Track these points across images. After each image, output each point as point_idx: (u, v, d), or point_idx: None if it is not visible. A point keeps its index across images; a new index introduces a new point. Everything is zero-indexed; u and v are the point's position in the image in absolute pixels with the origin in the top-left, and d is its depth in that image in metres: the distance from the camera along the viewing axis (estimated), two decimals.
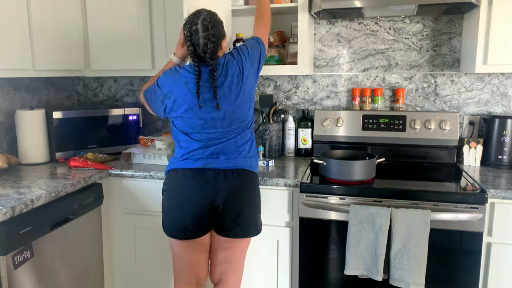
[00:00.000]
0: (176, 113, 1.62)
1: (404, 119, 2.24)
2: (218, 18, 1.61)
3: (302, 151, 2.40)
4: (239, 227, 1.63)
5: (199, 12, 1.58)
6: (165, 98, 1.62)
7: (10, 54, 1.89)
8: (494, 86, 2.21)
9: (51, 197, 1.67)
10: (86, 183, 1.89)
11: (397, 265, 1.67)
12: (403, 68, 2.32)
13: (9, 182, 1.81)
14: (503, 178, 1.89)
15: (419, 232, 1.65)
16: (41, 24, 2.05)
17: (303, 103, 2.48)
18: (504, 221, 1.69)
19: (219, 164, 1.62)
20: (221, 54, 1.65)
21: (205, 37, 1.54)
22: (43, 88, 2.51)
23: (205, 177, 1.60)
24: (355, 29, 2.35)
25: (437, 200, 1.70)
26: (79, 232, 1.89)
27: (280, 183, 1.88)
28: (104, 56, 2.35)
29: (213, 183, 1.60)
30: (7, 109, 2.23)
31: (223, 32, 1.63)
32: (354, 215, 1.71)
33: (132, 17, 2.27)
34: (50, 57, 2.12)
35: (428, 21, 2.25)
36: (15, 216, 1.49)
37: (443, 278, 1.73)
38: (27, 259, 1.56)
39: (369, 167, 1.85)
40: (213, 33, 1.55)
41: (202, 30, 1.54)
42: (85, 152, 2.23)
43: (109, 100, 2.79)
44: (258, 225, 1.70)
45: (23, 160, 2.17)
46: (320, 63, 2.43)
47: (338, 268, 1.83)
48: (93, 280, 2.01)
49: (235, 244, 1.68)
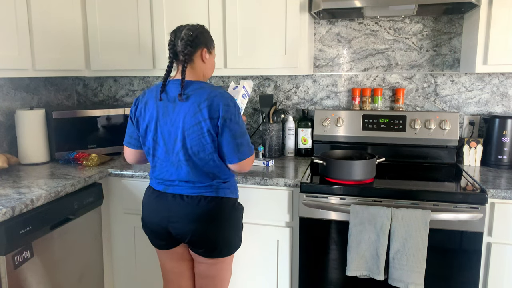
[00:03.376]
0: None
1: (404, 119, 2.24)
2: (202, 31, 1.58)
3: (302, 151, 2.40)
4: (201, 249, 1.59)
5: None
6: None
7: (10, 54, 1.89)
8: (494, 86, 2.21)
9: (51, 197, 1.67)
10: (86, 183, 1.89)
11: (396, 265, 1.67)
12: (403, 68, 2.32)
13: (9, 182, 1.81)
14: (503, 178, 1.89)
15: (418, 232, 1.65)
16: (41, 24, 2.05)
17: (303, 103, 2.48)
18: (504, 221, 1.69)
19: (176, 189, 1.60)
20: (200, 62, 1.59)
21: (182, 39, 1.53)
22: (43, 88, 2.51)
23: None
24: (355, 29, 2.35)
25: (437, 200, 1.70)
26: (79, 232, 1.89)
27: (280, 183, 1.88)
28: (104, 56, 2.35)
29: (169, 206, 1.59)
30: (7, 109, 2.23)
31: (203, 41, 1.57)
32: (355, 216, 1.71)
33: (132, 17, 2.27)
34: (50, 57, 2.12)
35: (428, 21, 2.25)
36: (15, 216, 1.49)
37: (443, 278, 1.73)
38: (27, 259, 1.56)
39: (369, 167, 1.85)
40: (191, 37, 1.52)
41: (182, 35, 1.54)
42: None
43: (109, 100, 2.79)
44: (225, 247, 1.60)
45: (23, 160, 2.17)
46: (320, 63, 2.43)
47: (338, 268, 1.83)
48: (93, 280, 2.01)
49: (207, 260, 1.63)
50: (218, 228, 1.56)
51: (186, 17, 2.19)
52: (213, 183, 1.55)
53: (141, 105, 1.59)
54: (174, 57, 1.55)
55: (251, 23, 2.12)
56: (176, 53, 1.53)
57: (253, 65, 2.15)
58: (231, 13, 2.13)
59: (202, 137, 1.48)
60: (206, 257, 1.61)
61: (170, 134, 1.52)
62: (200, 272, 1.67)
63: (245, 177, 1.90)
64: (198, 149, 1.50)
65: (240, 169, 1.56)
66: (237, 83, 2.03)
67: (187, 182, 1.55)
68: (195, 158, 1.51)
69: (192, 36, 1.52)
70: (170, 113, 1.52)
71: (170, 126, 1.52)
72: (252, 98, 2.55)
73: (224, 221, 1.57)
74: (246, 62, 2.15)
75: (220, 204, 1.56)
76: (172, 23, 2.21)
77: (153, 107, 1.55)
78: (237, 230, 1.64)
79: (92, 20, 2.33)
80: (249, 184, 1.91)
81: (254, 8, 2.11)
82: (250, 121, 2.58)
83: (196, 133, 1.48)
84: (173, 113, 1.51)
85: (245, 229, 1.96)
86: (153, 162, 1.61)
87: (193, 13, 2.18)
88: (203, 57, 1.57)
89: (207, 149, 1.50)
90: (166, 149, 1.54)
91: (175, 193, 1.56)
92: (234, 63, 2.17)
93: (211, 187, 1.55)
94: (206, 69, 1.61)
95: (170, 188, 1.57)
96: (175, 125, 1.51)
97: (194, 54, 1.54)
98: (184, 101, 1.49)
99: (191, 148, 1.50)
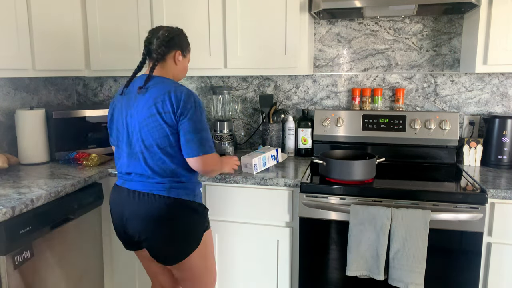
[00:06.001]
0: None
1: (404, 119, 2.24)
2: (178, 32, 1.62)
3: (302, 151, 2.40)
4: (155, 256, 1.60)
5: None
6: None
7: (10, 54, 1.89)
8: (494, 86, 2.21)
9: (51, 197, 1.67)
10: (86, 183, 1.89)
11: (396, 265, 1.67)
12: (403, 68, 2.32)
13: (9, 182, 1.81)
14: (503, 178, 1.89)
15: (418, 232, 1.65)
16: (41, 24, 2.05)
17: (303, 103, 2.48)
18: (504, 221, 1.69)
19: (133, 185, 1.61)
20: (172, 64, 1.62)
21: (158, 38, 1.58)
22: (43, 88, 2.50)
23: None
24: (355, 29, 2.35)
25: (437, 200, 1.70)
26: (79, 232, 1.88)
27: (280, 183, 1.88)
28: (104, 56, 2.35)
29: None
30: (7, 109, 2.23)
31: (179, 44, 1.61)
32: (355, 216, 1.71)
33: (132, 17, 2.27)
34: (50, 57, 2.12)
35: (428, 21, 2.25)
36: (15, 216, 1.49)
37: (443, 278, 1.73)
38: (27, 259, 1.56)
39: (369, 167, 1.85)
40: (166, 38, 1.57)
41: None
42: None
43: (109, 100, 2.78)
44: (176, 252, 1.58)
45: (23, 160, 2.17)
46: (320, 63, 2.43)
47: (338, 268, 1.83)
48: (93, 280, 2.01)
49: (170, 266, 1.64)
50: (163, 231, 1.53)
51: (186, 17, 2.19)
52: (165, 180, 1.54)
53: (112, 99, 1.68)
54: (147, 54, 1.60)
55: (251, 23, 2.12)
56: (150, 51, 1.58)
57: (253, 65, 2.15)
58: (231, 13, 2.13)
59: (157, 130, 1.50)
60: (161, 263, 1.62)
61: (129, 126, 1.56)
62: (176, 276, 1.69)
63: (245, 177, 1.90)
64: (153, 141, 1.51)
65: (201, 167, 1.53)
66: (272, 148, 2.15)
67: (141, 175, 1.55)
68: (150, 150, 1.52)
69: (168, 37, 1.57)
70: (131, 105, 1.56)
71: (130, 118, 1.56)
72: (252, 98, 2.55)
73: (170, 223, 1.53)
74: (246, 62, 2.15)
75: (169, 204, 1.52)
76: (172, 23, 2.21)
77: (118, 99, 1.62)
78: (188, 235, 1.57)
79: (92, 20, 2.33)
80: (249, 184, 1.91)
81: (254, 8, 2.11)
82: (250, 121, 2.58)
83: (150, 126, 1.50)
84: (133, 105, 1.55)
85: (246, 229, 1.96)
86: (117, 154, 1.65)
87: (193, 13, 2.18)
88: (176, 59, 1.61)
89: (162, 142, 1.51)
90: (125, 140, 1.58)
91: (129, 188, 1.57)
92: (234, 63, 2.17)
93: (163, 185, 1.53)
94: (176, 71, 1.64)
95: (127, 183, 1.59)
96: (134, 117, 1.54)
97: (167, 54, 1.59)
98: (143, 94, 1.53)
99: (146, 140, 1.52)
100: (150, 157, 1.53)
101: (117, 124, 1.62)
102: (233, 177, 1.91)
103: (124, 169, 1.60)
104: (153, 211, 1.52)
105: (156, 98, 1.49)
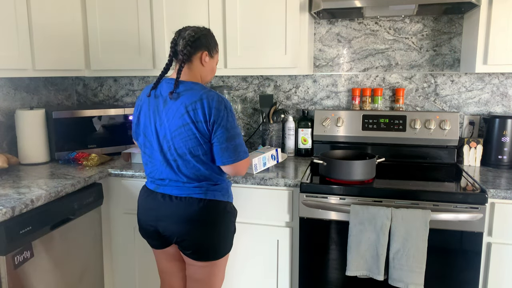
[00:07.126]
0: None
1: (404, 119, 2.24)
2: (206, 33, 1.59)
3: (302, 151, 2.40)
4: (188, 250, 1.59)
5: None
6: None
7: (10, 54, 1.89)
8: (494, 86, 2.21)
9: (51, 197, 1.67)
10: (86, 183, 1.89)
11: (396, 265, 1.67)
12: (403, 68, 2.32)
13: (9, 182, 1.81)
14: (503, 178, 1.89)
15: (418, 232, 1.65)
16: (41, 24, 2.05)
17: (303, 103, 2.48)
18: (504, 221, 1.69)
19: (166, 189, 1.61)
20: (198, 65, 1.58)
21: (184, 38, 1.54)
22: (43, 88, 2.51)
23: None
24: (355, 29, 2.35)
25: (437, 200, 1.70)
26: (79, 232, 1.88)
27: (280, 183, 1.88)
28: (104, 56, 2.35)
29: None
30: (7, 109, 2.23)
31: (205, 44, 1.57)
32: (355, 216, 1.71)
33: (132, 17, 2.27)
34: (50, 57, 2.12)
35: (428, 21, 2.25)
36: (15, 216, 1.49)
37: (443, 278, 1.73)
38: (27, 259, 1.56)
39: (369, 167, 1.85)
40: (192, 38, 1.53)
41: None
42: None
43: (109, 100, 2.79)
44: (212, 251, 1.59)
45: (23, 160, 2.17)
46: (320, 63, 2.43)
47: (338, 268, 1.83)
48: (93, 280, 2.01)
49: (196, 263, 1.62)
50: (204, 231, 1.55)
51: (186, 17, 2.19)
52: (202, 184, 1.55)
53: (138, 100, 1.64)
54: (174, 55, 1.56)
55: (251, 23, 2.12)
56: (176, 52, 1.54)
57: (253, 65, 2.15)
58: (231, 13, 2.13)
59: (190, 140, 1.48)
60: (193, 260, 1.61)
61: (159, 134, 1.53)
62: (190, 274, 1.67)
63: (245, 177, 1.90)
64: (186, 150, 1.50)
65: (233, 171, 1.55)
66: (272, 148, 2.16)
67: (176, 181, 1.55)
68: (183, 158, 1.51)
69: (194, 37, 1.53)
70: (161, 111, 1.53)
71: (160, 126, 1.53)
72: (252, 98, 2.55)
73: (211, 224, 1.56)
74: (246, 62, 2.15)
75: (209, 206, 1.54)
76: (172, 23, 2.21)
77: (144, 102, 1.59)
78: (226, 235, 1.61)
79: (92, 20, 2.33)
80: (249, 184, 1.91)
81: (254, 8, 2.11)
82: (250, 121, 2.58)
83: (183, 135, 1.48)
84: (163, 112, 1.52)
85: (246, 229, 1.96)
86: (145, 159, 1.63)
87: (193, 13, 2.18)
88: (202, 60, 1.57)
89: (195, 151, 1.50)
90: (156, 147, 1.55)
91: (164, 193, 1.57)
92: (234, 63, 2.17)
93: (201, 188, 1.54)
94: (204, 72, 1.61)
95: (161, 188, 1.58)
96: (163, 125, 1.52)
97: (193, 55, 1.54)
98: (174, 100, 1.50)
99: (179, 149, 1.50)
100: (183, 165, 1.52)
101: (145, 130, 1.59)
102: (233, 177, 1.91)
103: (157, 175, 1.59)
104: (192, 214, 1.53)
105: (188, 106, 1.47)
